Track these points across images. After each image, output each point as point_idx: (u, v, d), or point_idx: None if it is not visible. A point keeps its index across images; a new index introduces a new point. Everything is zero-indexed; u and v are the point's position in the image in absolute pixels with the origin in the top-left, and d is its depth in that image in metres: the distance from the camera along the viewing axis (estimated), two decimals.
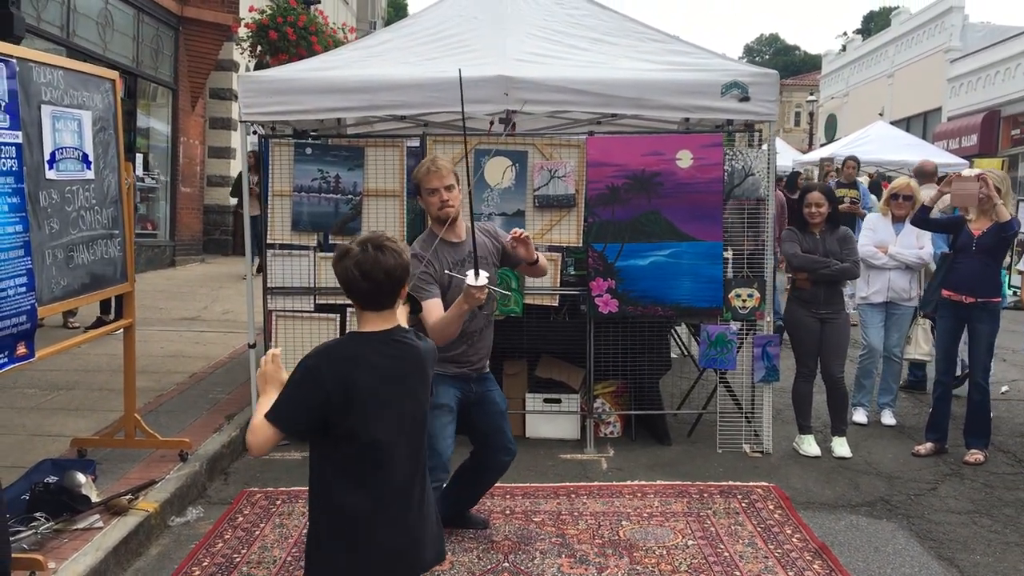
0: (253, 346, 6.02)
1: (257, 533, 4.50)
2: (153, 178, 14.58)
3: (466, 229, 4.19)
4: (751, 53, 77.78)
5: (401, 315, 2.80)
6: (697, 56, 6.12)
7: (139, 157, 13.76)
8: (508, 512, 4.79)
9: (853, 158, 12.16)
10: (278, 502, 4.93)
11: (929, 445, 5.92)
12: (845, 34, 48.30)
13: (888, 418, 6.65)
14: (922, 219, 6.07)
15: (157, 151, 14.95)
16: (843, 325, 5.90)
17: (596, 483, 5.29)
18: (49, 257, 4.19)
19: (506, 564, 4.16)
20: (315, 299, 5.98)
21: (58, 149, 4.27)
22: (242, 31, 14.05)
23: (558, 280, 5.98)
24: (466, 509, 4.56)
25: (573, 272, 6.31)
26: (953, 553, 4.40)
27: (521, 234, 4.10)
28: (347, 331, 5.88)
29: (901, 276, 6.48)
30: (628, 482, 5.30)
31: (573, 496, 5.05)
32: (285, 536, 4.46)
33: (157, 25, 14.34)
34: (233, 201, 15.84)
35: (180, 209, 15.36)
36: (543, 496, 5.05)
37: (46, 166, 4.17)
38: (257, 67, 14.32)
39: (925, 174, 9.29)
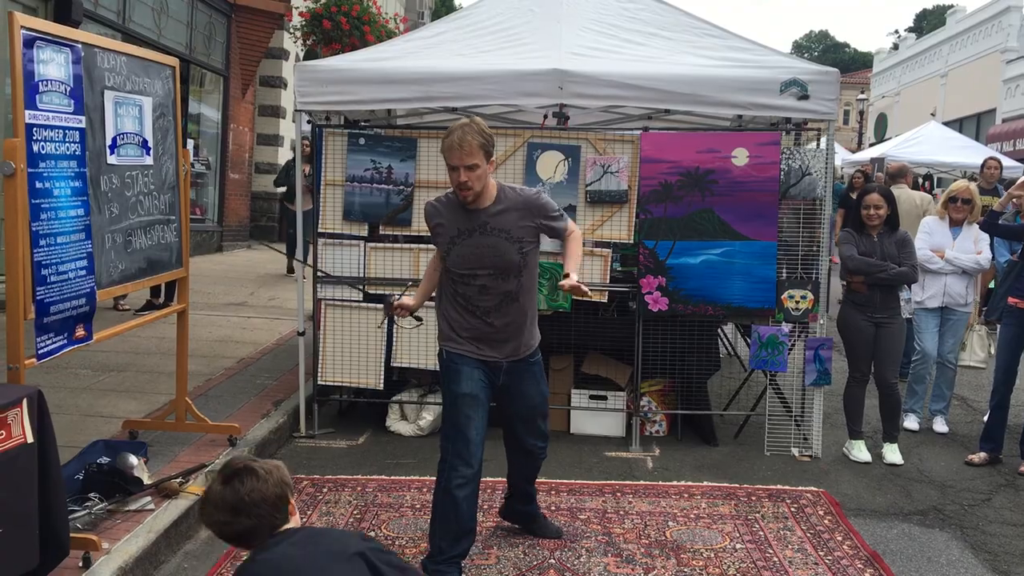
0: (302, 334, 6.06)
1: (304, 520, 4.52)
2: (203, 164, 14.75)
3: (494, 197, 3.83)
4: (800, 50, 76.68)
5: None
6: (755, 52, 6.03)
7: (190, 143, 13.92)
8: (553, 508, 4.76)
9: (996, 158, 9.97)
10: (324, 490, 4.95)
11: (983, 454, 5.80)
12: (896, 32, 47.50)
13: (940, 425, 6.53)
14: (991, 224, 5.94)
15: (207, 137, 15.13)
16: (898, 330, 5.79)
17: (642, 482, 5.25)
18: (108, 241, 4.24)
19: (552, 561, 4.14)
20: (364, 288, 6.00)
21: (119, 134, 4.31)
22: (296, 19, 14.15)
23: (607, 276, 5.94)
24: (521, 504, 4.39)
25: (619, 268, 6.27)
26: (1009, 566, 4.30)
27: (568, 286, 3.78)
28: (394, 322, 5.89)
29: (957, 281, 6.34)
30: (674, 482, 5.26)
31: (619, 494, 5.02)
32: (332, 524, 4.48)
33: (210, 12, 14.48)
34: (279, 190, 15.99)
35: (228, 195, 15.54)
36: (588, 493, 5.02)
37: (108, 151, 4.21)
38: (307, 56, 14.42)
39: (894, 175, 8.87)
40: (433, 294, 4.16)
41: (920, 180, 14.84)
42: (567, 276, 3.82)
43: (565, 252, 4.02)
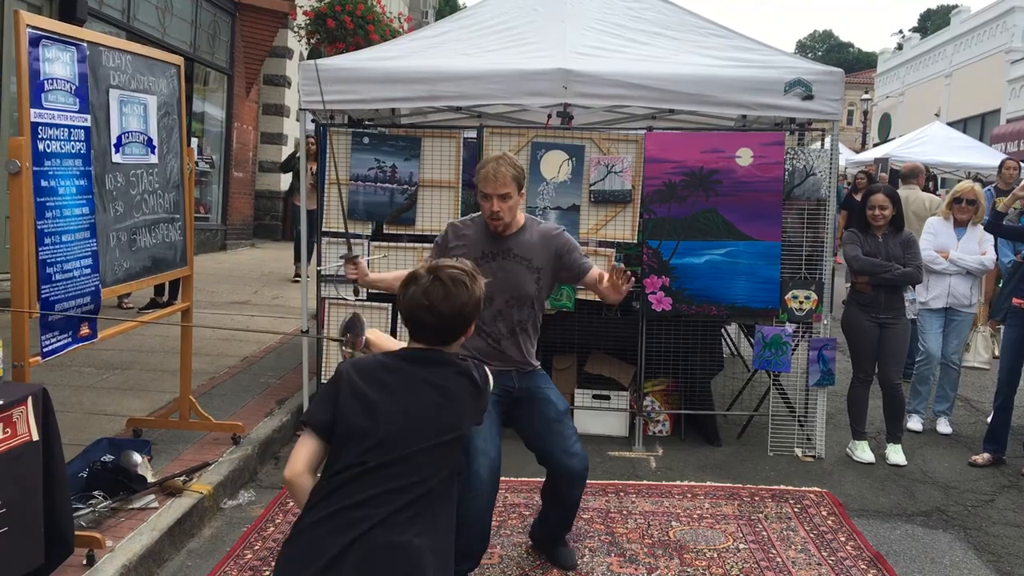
0: (306, 332, 6.06)
1: None
2: (207, 162, 14.77)
3: (519, 226, 3.93)
4: (804, 50, 76.68)
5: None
6: (760, 52, 6.03)
7: (194, 141, 13.93)
8: None
9: (1014, 160, 9.48)
10: None
11: (987, 455, 5.79)
12: (900, 32, 47.41)
13: (944, 426, 6.52)
14: (995, 225, 5.93)
15: (211, 135, 15.13)
16: (903, 331, 5.78)
17: (645, 482, 5.25)
18: (113, 239, 4.25)
19: None
20: (368, 288, 5.99)
21: (124, 133, 4.32)
22: (300, 18, 14.16)
23: None
24: (558, 533, 4.17)
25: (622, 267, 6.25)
26: (1012, 568, 4.29)
27: (622, 273, 3.73)
28: (399, 320, 5.91)
29: (962, 282, 6.34)
30: (678, 482, 5.25)
31: (622, 494, 5.02)
32: None
33: (215, 11, 14.49)
34: (284, 178, 16.02)
35: (232, 194, 15.54)
36: (592, 493, 5.02)
37: (112, 149, 4.22)
38: (311, 55, 14.42)
39: (905, 175, 8.62)
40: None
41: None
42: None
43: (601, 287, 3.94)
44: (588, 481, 5.09)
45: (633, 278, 3.93)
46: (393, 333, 5.92)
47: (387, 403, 2.43)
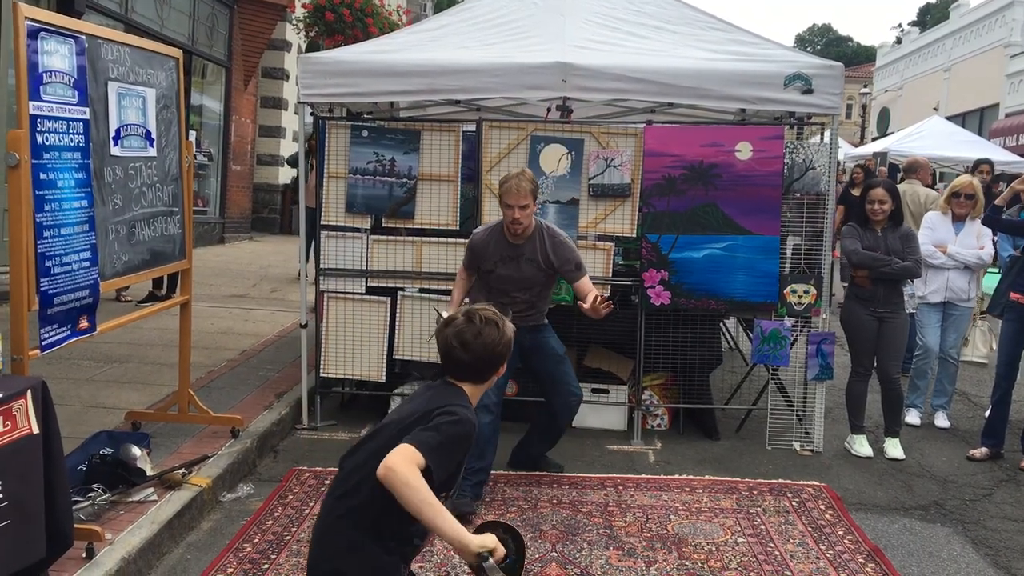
0: (305, 326, 6.06)
1: (307, 512, 4.53)
2: (205, 155, 14.74)
3: (531, 231, 4.80)
4: (802, 43, 76.53)
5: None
6: (759, 46, 6.02)
7: (192, 134, 13.91)
8: (555, 501, 4.78)
9: None
10: (327, 481, 4.96)
11: (984, 450, 5.80)
12: (900, 26, 47.43)
13: (942, 420, 6.53)
14: (993, 219, 5.93)
15: (209, 128, 15.12)
16: (902, 325, 5.78)
17: (643, 476, 5.26)
18: (112, 232, 4.24)
19: (554, 554, 4.15)
20: (366, 281, 6.00)
21: (123, 126, 4.31)
22: (299, 11, 14.14)
23: (610, 270, 5.94)
24: (542, 451, 5.21)
25: (621, 261, 6.27)
26: (1010, 561, 4.31)
27: (599, 304, 4.47)
28: (397, 315, 5.92)
29: (960, 276, 6.34)
30: (676, 476, 5.26)
31: (620, 488, 5.03)
32: None
33: (213, 3, 14.46)
34: (282, 172, 15.99)
35: (230, 187, 15.53)
36: (590, 487, 5.03)
37: (111, 142, 4.21)
38: (309, 48, 14.40)
39: (906, 169, 8.50)
40: (466, 299, 4.96)
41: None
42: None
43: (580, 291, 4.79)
44: (587, 475, 5.21)
45: (611, 305, 4.55)
46: (392, 326, 5.93)
47: None
